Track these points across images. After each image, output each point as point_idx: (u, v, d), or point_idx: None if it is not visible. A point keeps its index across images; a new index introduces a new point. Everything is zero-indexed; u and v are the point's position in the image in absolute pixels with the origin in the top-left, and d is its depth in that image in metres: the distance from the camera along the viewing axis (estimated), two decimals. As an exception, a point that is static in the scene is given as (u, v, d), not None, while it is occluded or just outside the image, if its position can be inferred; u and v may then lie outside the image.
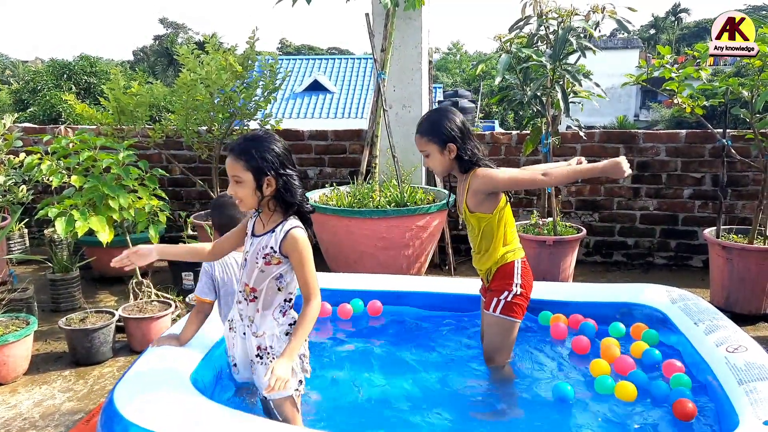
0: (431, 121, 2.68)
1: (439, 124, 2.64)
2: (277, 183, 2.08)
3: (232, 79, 4.71)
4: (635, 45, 36.39)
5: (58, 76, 17.39)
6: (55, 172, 3.81)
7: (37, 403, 3.10)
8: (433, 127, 2.65)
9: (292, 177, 2.11)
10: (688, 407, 2.35)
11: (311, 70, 26.12)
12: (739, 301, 4.14)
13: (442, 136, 2.63)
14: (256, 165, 2.05)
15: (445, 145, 2.64)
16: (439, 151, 2.65)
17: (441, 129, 2.63)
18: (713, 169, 5.31)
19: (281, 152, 2.10)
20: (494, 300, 2.73)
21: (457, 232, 5.87)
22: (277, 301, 2.18)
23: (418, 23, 5.33)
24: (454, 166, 2.71)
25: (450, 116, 2.68)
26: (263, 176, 2.06)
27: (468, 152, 2.65)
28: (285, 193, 2.10)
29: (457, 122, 2.66)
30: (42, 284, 4.66)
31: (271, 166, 2.06)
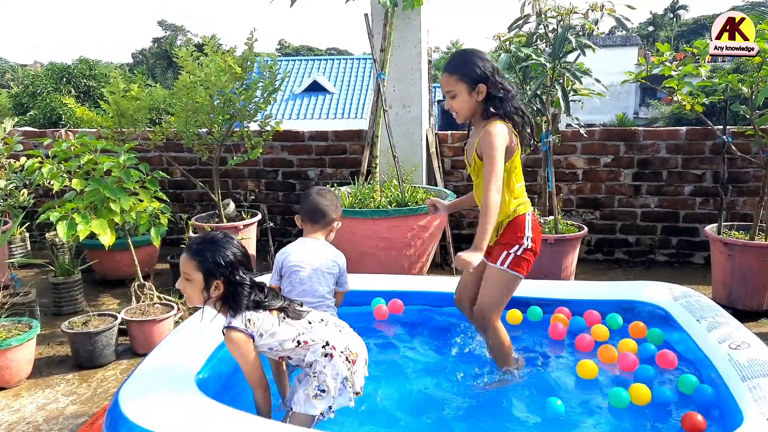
0: (464, 59, 2.53)
1: (472, 62, 2.50)
2: (225, 288, 2.14)
3: (231, 81, 4.71)
4: (634, 42, 36.36)
5: (58, 80, 17.39)
6: (56, 175, 3.82)
7: (41, 406, 3.10)
8: (466, 65, 2.50)
9: (243, 282, 2.14)
10: (697, 420, 2.28)
11: (310, 71, 26.13)
12: (741, 297, 4.14)
13: (473, 75, 2.48)
14: (208, 268, 2.11)
15: (475, 85, 2.51)
16: (468, 92, 2.52)
17: (473, 67, 2.48)
18: (714, 165, 5.31)
19: (237, 258, 2.14)
20: (504, 253, 2.65)
21: (458, 231, 5.87)
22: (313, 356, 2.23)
23: (417, 23, 5.33)
24: (478, 110, 2.57)
25: (482, 55, 2.53)
26: (213, 279, 2.12)
27: (497, 97, 2.51)
28: (230, 300, 2.15)
29: (491, 63, 2.52)
30: (44, 288, 4.67)
31: (222, 272, 2.11)
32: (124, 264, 4.69)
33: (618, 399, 2.50)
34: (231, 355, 2.20)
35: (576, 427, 2.44)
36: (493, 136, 2.49)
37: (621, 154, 5.49)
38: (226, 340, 2.16)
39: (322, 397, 2.19)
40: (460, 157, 5.79)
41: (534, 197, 5.66)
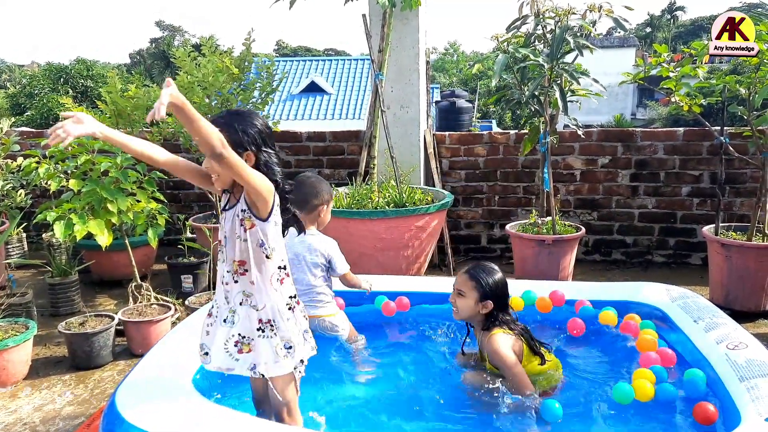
0: (484, 272, 2.73)
1: (491, 279, 2.71)
2: (257, 159, 2.04)
3: (229, 81, 4.71)
4: (631, 43, 36.46)
5: (55, 80, 17.38)
6: (53, 176, 3.81)
7: (38, 407, 3.09)
8: (484, 280, 2.71)
9: (272, 155, 2.08)
10: (709, 411, 2.26)
11: (308, 72, 26.12)
12: (738, 298, 4.14)
13: (485, 291, 2.69)
14: (237, 139, 1.99)
15: (484, 300, 2.69)
16: (476, 301, 2.70)
17: (488, 284, 2.70)
18: (711, 166, 5.32)
19: (263, 129, 2.06)
20: None
21: (456, 232, 5.87)
22: (270, 271, 2.09)
23: (415, 24, 5.33)
24: (478, 318, 2.75)
25: (500, 276, 2.76)
26: (243, 151, 1.99)
27: (498, 318, 2.70)
28: (266, 170, 2.04)
29: (503, 284, 2.74)
30: (41, 288, 4.65)
31: (252, 141, 2.02)
32: (121, 264, 4.68)
33: (622, 395, 2.47)
34: None
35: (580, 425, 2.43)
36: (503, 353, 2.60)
37: (618, 155, 5.49)
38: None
39: (290, 353, 2.08)
40: (458, 158, 5.79)
41: (532, 198, 5.67)
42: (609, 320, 3.20)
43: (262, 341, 2.07)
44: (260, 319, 2.08)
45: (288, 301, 2.13)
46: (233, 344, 2.08)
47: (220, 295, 2.15)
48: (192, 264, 4.73)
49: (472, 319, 2.78)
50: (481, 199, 5.83)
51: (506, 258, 5.74)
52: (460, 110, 11.68)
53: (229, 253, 2.09)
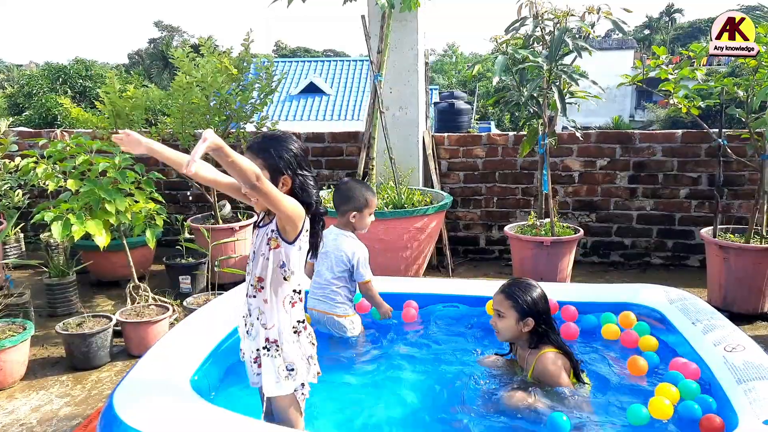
0: (520, 289, 2.65)
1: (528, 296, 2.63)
2: (293, 182, 2.08)
3: (227, 82, 4.71)
4: (630, 45, 36.54)
5: (53, 80, 17.36)
6: (51, 176, 3.80)
7: (35, 408, 3.08)
8: (521, 298, 2.62)
9: (307, 178, 2.12)
10: (716, 423, 2.23)
11: (307, 73, 26.13)
12: (736, 300, 4.15)
13: (524, 308, 2.60)
14: (273, 163, 2.05)
15: (524, 318, 2.61)
16: (516, 320, 2.62)
17: (525, 301, 2.61)
18: (709, 168, 5.32)
19: (298, 152, 2.11)
20: None
21: (454, 233, 5.87)
22: (285, 292, 2.14)
23: (414, 25, 5.34)
24: (523, 337, 2.67)
25: (539, 291, 2.66)
26: (279, 175, 2.06)
27: (545, 335, 2.62)
28: (301, 193, 2.09)
29: (542, 299, 2.65)
30: (38, 289, 4.64)
31: (288, 165, 2.07)
32: (119, 265, 4.67)
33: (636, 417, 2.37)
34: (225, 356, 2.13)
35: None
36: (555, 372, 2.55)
37: (617, 157, 5.50)
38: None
39: (292, 375, 2.11)
40: (456, 159, 5.80)
41: (530, 199, 5.67)
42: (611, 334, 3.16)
43: (266, 360, 2.12)
44: (267, 338, 2.13)
45: (295, 325, 2.17)
46: (253, 359, 2.18)
47: (245, 307, 2.21)
48: (190, 265, 4.73)
49: (516, 339, 2.69)
50: (480, 200, 5.83)
51: (504, 259, 5.74)
52: (459, 111, 11.70)
53: (253, 268, 2.15)
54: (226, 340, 2.92)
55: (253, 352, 2.17)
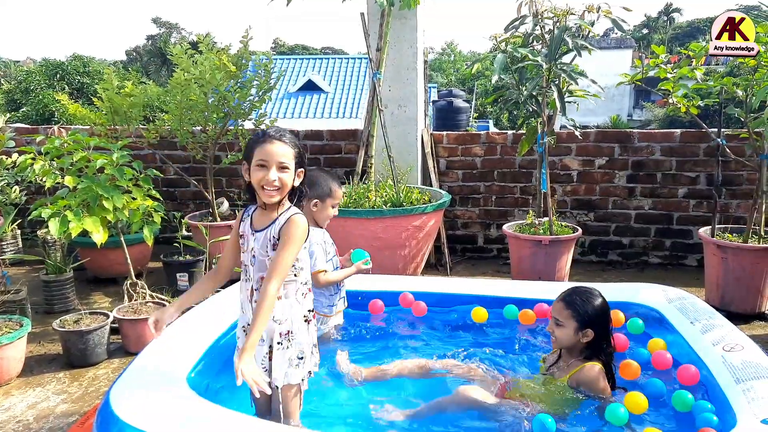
0: (581, 299, 2.56)
1: (590, 306, 2.54)
2: (303, 177, 2.23)
3: (226, 79, 4.69)
4: (628, 45, 36.56)
5: (51, 76, 17.31)
6: (48, 172, 3.79)
7: (31, 405, 3.07)
8: (581, 308, 2.54)
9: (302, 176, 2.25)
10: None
11: (305, 70, 26.10)
12: (734, 300, 4.15)
13: (584, 319, 2.52)
14: (299, 156, 2.18)
15: (584, 328, 2.53)
16: (575, 330, 2.54)
17: (586, 312, 2.53)
18: (708, 168, 5.32)
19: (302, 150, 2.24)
20: None
21: (453, 232, 5.87)
22: (296, 286, 2.21)
23: (414, 23, 5.33)
24: (579, 347, 2.58)
25: (600, 302, 2.57)
26: (297, 169, 2.18)
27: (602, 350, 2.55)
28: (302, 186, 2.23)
29: (604, 310, 2.56)
30: (35, 286, 4.63)
31: (303, 161, 2.21)
32: (116, 262, 4.66)
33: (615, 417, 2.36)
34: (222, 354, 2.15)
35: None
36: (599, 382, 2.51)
37: (616, 156, 5.50)
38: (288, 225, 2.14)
39: (301, 364, 2.20)
40: (455, 158, 5.79)
41: (529, 198, 5.67)
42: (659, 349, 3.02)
43: (278, 353, 2.17)
44: (280, 332, 2.18)
45: (306, 314, 2.24)
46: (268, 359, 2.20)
47: (249, 312, 2.21)
48: (188, 262, 4.72)
49: (572, 348, 2.59)
50: (478, 199, 5.83)
51: (503, 258, 5.74)
52: (458, 110, 11.70)
53: (255, 272, 2.19)
54: (224, 337, 2.91)
55: (264, 356, 2.19)
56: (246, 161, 2.17)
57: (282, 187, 2.13)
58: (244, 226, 2.25)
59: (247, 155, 2.16)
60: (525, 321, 3.36)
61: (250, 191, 2.20)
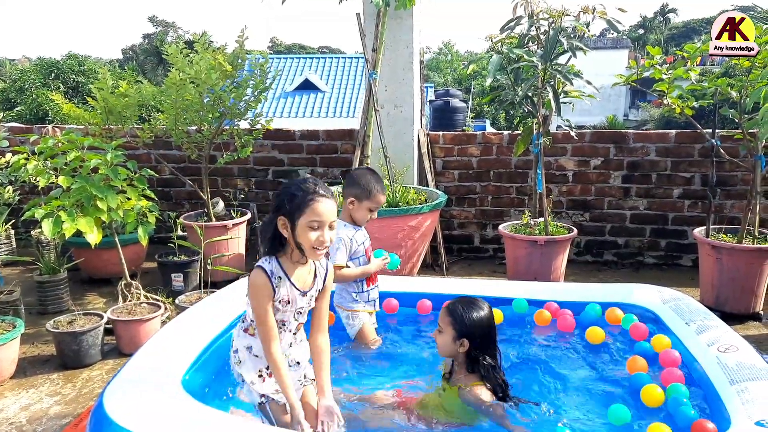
0: (463, 307, 2.51)
1: (468, 316, 2.49)
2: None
3: (221, 79, 4.68)
4: (624, 45, 36.62)
5: (46, 75, 17.26)
6: (42, 172, 3.77)
7: (24, 407, 3.06)
8: (460, 316, 2.50)
9: None
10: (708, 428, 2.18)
11: (302, 69, 26.05)
12: (728, 300, 4.16)
13: (461, 328, 2.47)
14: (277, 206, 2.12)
15: (460, 338, 2.48)
16: (452, 338, 2.49)
17: (463, 321, 2.48)
18: (702, 168, 5.33)
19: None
20: None
21: (449, 232, 5.87)
22: None
23: (410, 23, 5.32)
24: (459, 358, 2.54)
25: (483, 314, 2.50)
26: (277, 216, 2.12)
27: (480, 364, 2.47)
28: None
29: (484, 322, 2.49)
30: (29, 286, 4.61)
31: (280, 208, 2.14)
32: (110, 262, 4.64)
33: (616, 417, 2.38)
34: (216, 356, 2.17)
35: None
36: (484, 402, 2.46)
37: (611, 157, 5.50)
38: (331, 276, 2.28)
39: None
40: (451, 158, 5.79)
41: (524, 198, 5.68)
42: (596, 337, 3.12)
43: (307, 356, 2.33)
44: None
45: None
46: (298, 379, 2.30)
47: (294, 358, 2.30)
48: (182, 262, 4.70)
49: (453, 357, 2.56)
50: (474, 199, 5.83)
51: (499, 258, 5.74)
52: (454, 110, 11.70)
53: (300, 318, 2.27)
54: (218, 339, 2.90)
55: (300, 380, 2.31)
56: (286, 216, 2.05)
57: (329, 244, 2.08)
58: (283, 291, 2.13)
59: (291, 210, 2.03)
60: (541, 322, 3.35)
61: (279, 244, 2.11)
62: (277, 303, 2.12)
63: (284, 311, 2.17)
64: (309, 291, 2.19)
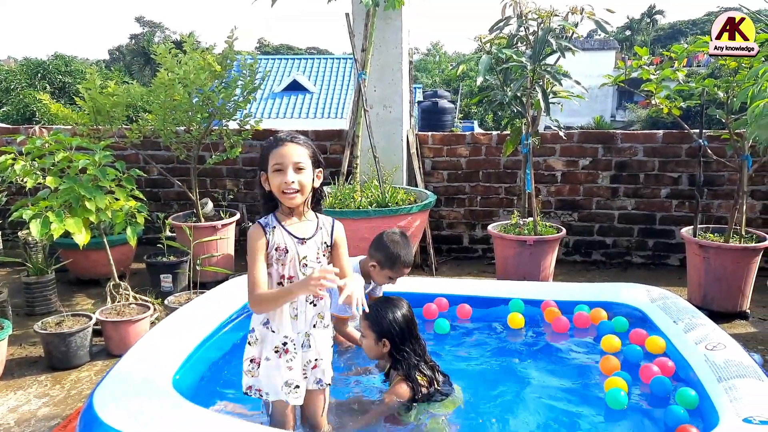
0: (379, 310, 2.56)
1: (386, 317, 2.55)
2: (322, 177, 2.22)
3: (210, 79, 4.66)
4: (611, 46, 36.84)
5: (32, 76, 17.10)
6: (29, 173, 3.73)
7: (12, 409, 3.03)
8: (376, 319, 2.56)
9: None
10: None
11: (290, 70, 25.99)
12: (716, 299, 4.20)
13: (381, 329, 2.54)
14: (314, 156, 2.16)
15: (380, 338, 2.55)
16: (374, 341, 2.56)
17: (380, 322, 2.54)
18: (690, 168, 5.38)
19: None
20: None
21: (438, 232, 5.88)
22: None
23: (399, 23, 5.33)
24: (384, 358, 2.62)
25: (401, 313, 2.57)
26: (316, 168, 2.17)
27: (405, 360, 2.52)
28: (321, 192, 2.25)
29: (401, 320, 2.55)
30: (16, 287, 4.57)
31: (320, 160, 2.19)
32: (99, 263, 4.61)
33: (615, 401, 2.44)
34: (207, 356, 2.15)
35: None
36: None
37: (599, 157, 5.54)
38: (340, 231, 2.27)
39: None
40: (440, 158, 5.80)
41: (513, 199, 5.70)
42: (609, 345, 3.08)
43: (328, 352, 2.25)
44: (331, 336, 2.29)
45: None
46: (311, 367, 2.21)
47: (288, 327, 2.16)
48: (171, 263, 4.68)
49: (380, 359, 2.67)
50: (464, 199, 5.85)
51: (488, 258, 5.76)
52: (443, 110, 11.69)
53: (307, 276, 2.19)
54: (208, 339, 2.90)
55: (310, 362, 2.19)
56: (263, 171, 2.15)
57: (302, 189, 2.11)
58: (278, 238, 2.14)
59: (262, 163, 2.14)
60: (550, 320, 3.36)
61: (270, 200, 2.17)
62: (274, 251, 2.13)
63: (284, 262, 2.14)
64: (309, 239, 2.16)
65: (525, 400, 2.61)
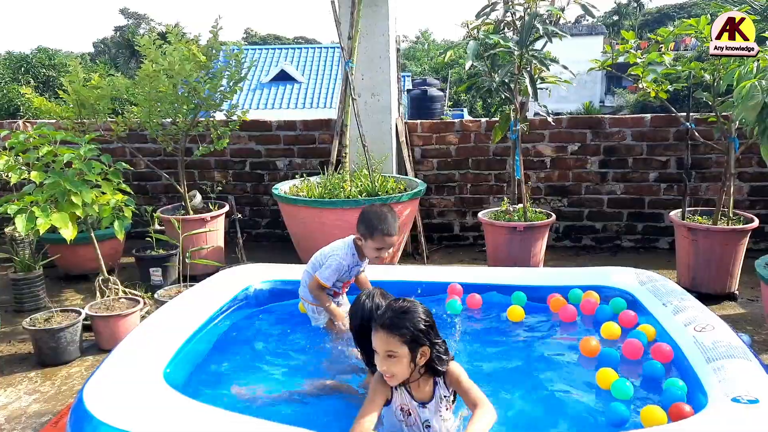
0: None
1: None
2: (431, 353, 2.02)
3: (196, 70, 4.61)
4: (599, 31, 36.82)
5: (15, 70, 16.90)
6: (13, 168, 3.69)
7: (2, 406, 3.01)
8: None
9: (440, 345, 2.05)
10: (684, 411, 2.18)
11: (278, 60, 25.82)
12: (704, 281, 4.23)
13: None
14: (413, 338, 1.97)
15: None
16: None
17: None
18: (678, 152, 5.40)
19: (430, 321, 2.03)
20: None
21: (429, 220, 5.88)
22: None
23: (385, 10, 5.29)
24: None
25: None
26: (418, 348, 1.98)
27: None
28: (437, 362, 2.04)
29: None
30: (4, 284, 4.53)
31: (426, 336, 1.99)
32: (87, 258, 4.57)
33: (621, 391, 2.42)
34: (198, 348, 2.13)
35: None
36: None
37: (588, 142, 5.55)
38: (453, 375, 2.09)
39: None
40: (430, 146, 5.79)
41: (503, 185, 5.70)
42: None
43: None
44: None
45: None
46: None
47: None
48: (161, 256, 4.65)
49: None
50: (454, 187, 5.84)
51: (479, 245, 5.77)
52: (432, 99, 11.68)
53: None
54: (199, 332, 2.88)
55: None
56: None
57: (394, 376, 1.99)
58: (402, 399, 2.09)
59: None
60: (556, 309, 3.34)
61: None
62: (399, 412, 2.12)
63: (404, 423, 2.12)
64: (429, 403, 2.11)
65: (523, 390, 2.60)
